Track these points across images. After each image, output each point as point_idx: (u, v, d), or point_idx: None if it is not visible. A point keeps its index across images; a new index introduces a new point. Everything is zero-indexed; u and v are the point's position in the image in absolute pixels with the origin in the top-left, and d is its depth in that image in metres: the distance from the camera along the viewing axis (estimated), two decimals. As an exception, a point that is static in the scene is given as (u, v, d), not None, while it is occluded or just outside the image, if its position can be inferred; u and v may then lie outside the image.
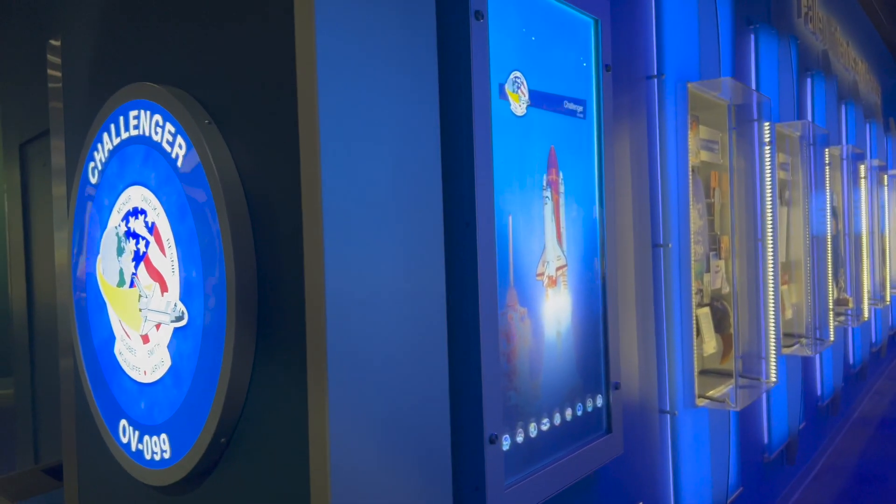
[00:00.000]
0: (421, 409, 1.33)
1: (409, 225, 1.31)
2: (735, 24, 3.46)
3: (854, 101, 6.34)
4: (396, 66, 1.32)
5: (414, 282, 1.34)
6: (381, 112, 1.28)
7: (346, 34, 1.23)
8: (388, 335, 1.26)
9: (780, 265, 4.32)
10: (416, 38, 1.38)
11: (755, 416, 3.78)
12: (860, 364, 6.29)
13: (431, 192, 1.38)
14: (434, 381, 1.37)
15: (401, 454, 1.27)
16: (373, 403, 1.21)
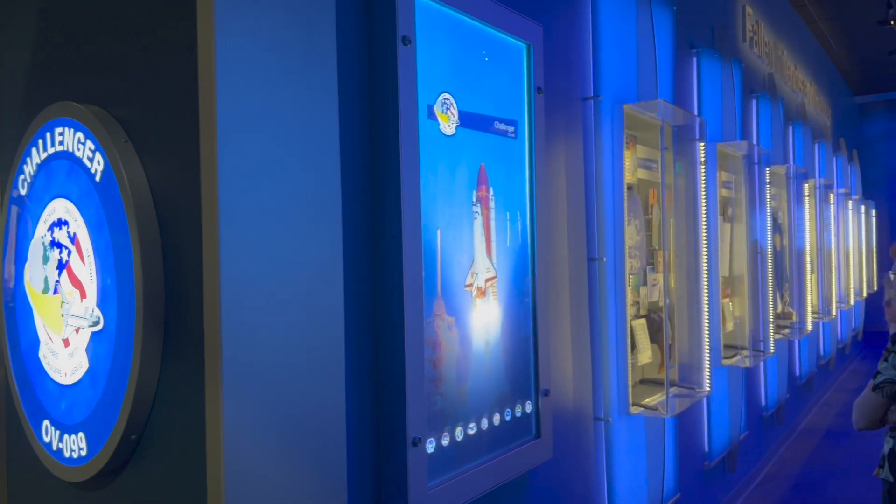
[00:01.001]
0: (316, 414, 1.42)
1: (307, 238, 1.41)
2: (677, 47, 3.62)
3: (802, 122, 6.59)
4: (297, 86, 1.42)
5: (311, 290, 1.43)
6: (279, 129, 1.37)
7: (246, 54, 1.32)
8: (283, 341, 1.35)
9: (724, 279, 4.49)
10: (319, 61, 1.47)
11: (695, 425, 3.91)
12: (807, 376, 6.49)
13: (330, 205, 1.48)
14: (330, 387, 1.46)
15: (295, 456, 1.36)
16: (267, 406, 1.30)
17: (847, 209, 8.54)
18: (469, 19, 2.05)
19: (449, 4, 1.93)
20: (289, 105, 1.38)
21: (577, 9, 2.83)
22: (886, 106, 12.15)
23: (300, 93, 1.42)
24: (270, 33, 1.36)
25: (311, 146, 1.43)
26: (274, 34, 1.37)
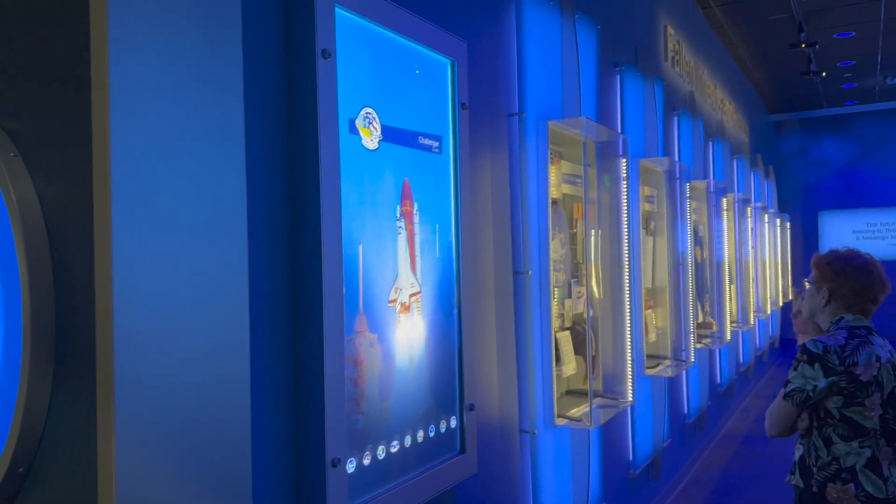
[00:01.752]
0: (220, 440, 1.37)
1: (208, 255, 1.36)
2: (601, 65, 3.71)
3: (721, 139, 6.86)
4: (198, 99, 1.37)
5: (214, 311, 1.38)
6: (178, 142, 1.33)
7: (142, 64, 1.28)
8: (182, 364, 1.30)
9: (647, 291, 4.61)
10: (224, 74, 1.44)
11: (620, 434, 3.99)
12: (727, 383, 6.73)
13: (234, 220, 1.43)
14: (234, 411, 1.42)
15: (196, 483, 1.31)
16: (164, 432, 1.25)
17: (763, 222, 8.93)
18: (392, 34, 2.04)
19: (371, 19, 1.92)
20: (189, 119, 1.34)
21: (501, 26, 2.87)
22: (799, 124, 12.81)
23: (202, 106, 1.38)
24: (170, 44, 1.31)
25: (213, 161, 1.39)
26: (174, 44, 1.33)
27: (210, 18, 1.41)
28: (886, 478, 2.22)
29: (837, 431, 2.24)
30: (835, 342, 2.24)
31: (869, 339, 2.27)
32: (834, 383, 2.21)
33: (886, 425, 2.24)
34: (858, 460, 2.21)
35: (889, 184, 12.14)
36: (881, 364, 2.24)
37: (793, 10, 6.86)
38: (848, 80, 10.24)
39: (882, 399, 2.23)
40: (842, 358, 2.21)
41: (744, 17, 7.25)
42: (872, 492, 2.19)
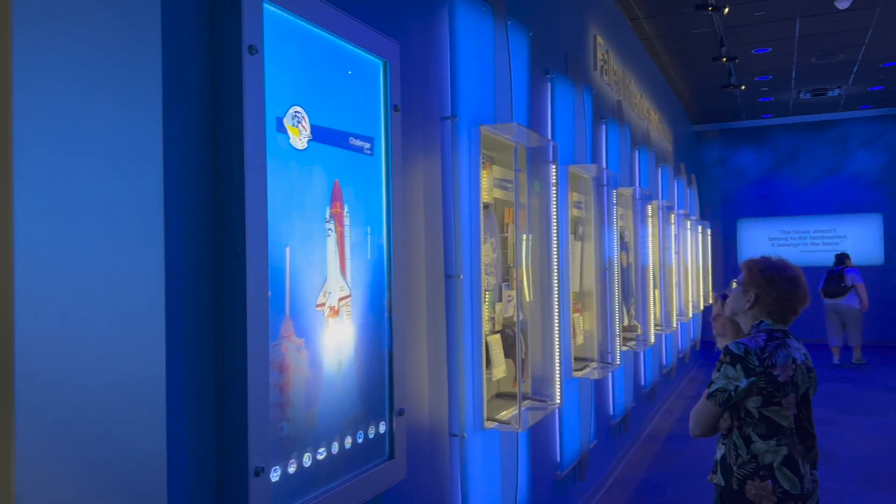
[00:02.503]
0: (129, 445, 1.31)
1: (118, 260, 1.30)
2: (532, 72, 3.76)
3: (647, 147, 7.07)
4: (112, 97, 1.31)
5: (126, 320, 1.32)
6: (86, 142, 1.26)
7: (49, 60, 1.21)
8: (87, 368, 1.24)
9: (575, 294, 4.70)
10: (141, 70, 1.37)
11: (548, 436, 4.05)
12: (651, 385, 6.93)
13: (149, 228, 1.37)
14: (146, 417, 1.35)
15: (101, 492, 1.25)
16: (67, 436, 1.19)
17: (686, 229, 9.26)
18: (323, 32, 2.00)
19: (301, 16, 1.88)
20: (100, 114, 1.27)
21: (434, 29, 2.87)
22: (720, 135, 13.34)
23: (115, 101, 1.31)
24: (80, 35, 1.24)
25: (127, 159, 1.33)
26: (84, 37, 1.26)
27: (126, 11, 1.34)
28: (802, 475, 2.31)
29: (756, 430, 2.32)
30: (755, 344, 2.33)
31: (786, 341, 2.38)
32: (754, 384, 2.29)
33: (800, 424, 2.35)
34: (776, 458, 2.29)
35: (802, 194, 12.78)
36: (797, 366, 2.34)
37: (715, 25, 7.14)
38: (765, 94, 10.73)
39: (797, 399, 2.34)
40: (761, 359, 2.30)
41: (669, 29, 7.50)
42: (788, 488, 2.27)
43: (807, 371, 2.39)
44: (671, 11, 6.93)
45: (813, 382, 2.43)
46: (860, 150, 12.45)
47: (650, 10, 6.84)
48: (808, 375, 2.40)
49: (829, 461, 5.64)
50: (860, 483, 5.21)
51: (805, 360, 2.40)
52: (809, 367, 2.42)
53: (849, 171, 12.51)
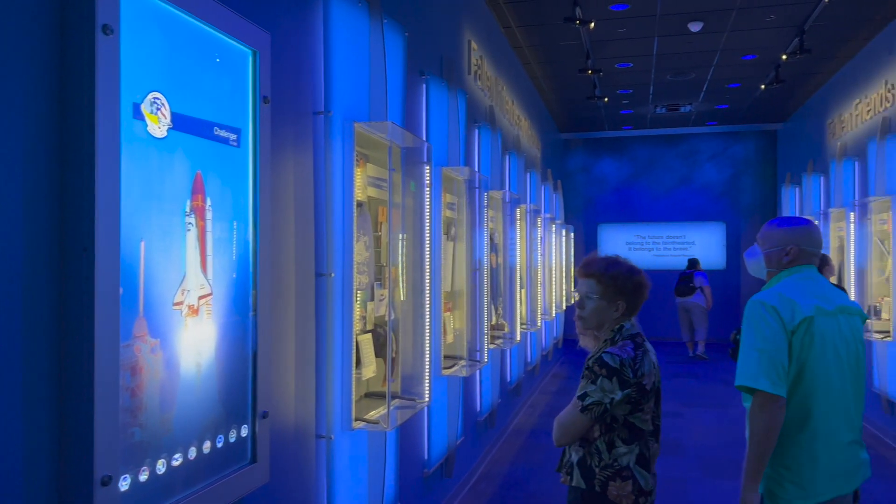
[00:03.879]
0: None
1: None
2: (407, 72, 3.77)
3: (517, 153, 7.29)
4: None
5: None
6: None
7: None
8: None
9: (446, 294, 4.76)
10: None
11: (416, 434, 4.07)
12: (516, 381, 7.16)
13: None
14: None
15: None
16: None
17: (552, 232, 9.65)
18: (189, 17, 1.90)
19: (163, -3, 1.78)
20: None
21: (309, 23, 2.80)
22: (584, 143, 14.03)
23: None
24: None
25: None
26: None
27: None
28: (652, 473, 2.39)
29: (620, 435, 2.32)
30: (627, 355, 2.31)
31: (644, 345, 2.39)
32: (628, 395, 2.28)
33: (655, 422, 2.40)
34: (632, 458, 2.33)
35: (657, 202, 13.69)
36: (656, 370, 2.38)
37: (582, 38, 7.49)
38: (625, 107, 11.39)
39: (656, 400, 2.40)
40: (634, 370, 2.29)
41: (540, 40, 7.78)
42: (644, 486, 2.34)
43: (658, 370, 2.43)
44: (542, 22, 7.19)
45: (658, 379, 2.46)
46: (707, 164, 13.52)
47: (522, 19, 7.07)
48: (658, 374, 2.43)
49: (675, 451, 6.07)
50: (703, 470, 5.65)
51: (656, 361, 2.43)
52: (657, 365, 2.44)
53: (697, 182, 13.55)
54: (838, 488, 2.37)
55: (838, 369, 2.36)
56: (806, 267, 2.47)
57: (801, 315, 2.31)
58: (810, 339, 2.31)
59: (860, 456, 2.46)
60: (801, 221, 2.53)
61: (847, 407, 2.40)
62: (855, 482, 2.44)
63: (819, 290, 2.42)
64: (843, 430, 2.38)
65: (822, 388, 2.34)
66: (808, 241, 2.47)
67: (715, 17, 7.06)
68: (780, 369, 2.27)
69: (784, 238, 2.47)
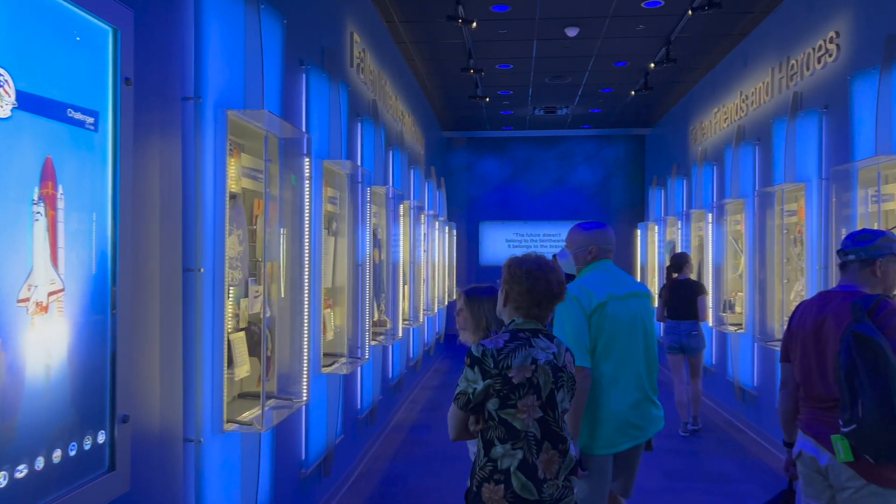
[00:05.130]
0: None
1: None
2: (286, 61, 3.65)
3: (400, 149, 7.28)
4: None
5: None
6: None
7: None
8: None
9: (327, 290, 4.67)
10: None
11: (294, 434, 3.97)
12: (398, 377, 7.16)
13: None
14: None
15: None
16: None
17: (435, 229, 9.73)
18: (37, -15, 1.73)
19: (6, -39, 1.61)
20: None
21: (178, 2, 2.65)
22: (467, 142, 14.25)
23: None
24: None
25: None
26: None
27: None
28: (543, 479, 2.22)
29: (496, 433, 2.24)
30: (494, 345, 2.26)
31: (531, 341, 2.28)
32: (490, 385, 2.22)
33: (548, 427, 2.26)
34: (512, 462, 2.22)
35: (535, 201, 14.14)
36: (537, 367, 2.24)
37: (464, 37, 7.58)
38: (506, 108, 11.67)
39: (542, 401, 2.25)
40: (496, 361, 2.22)
41: (424, 36, 7.81)
42: (521, 493, 2.20)
43: (553, 371, 2.28)
44: (425, 19, 7.22)
45: (565, 383, 2.33)
46: (582, 165, 14.11)
47: (406, 14, 7.06)
48: (557, 375, 2.29)
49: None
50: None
51: (552, 360, 2.29)
52: (558, 367, 2.30)
53: (572, 183, 14.11)
54: (633, 438, 2.95)
55: (628, 341, 2.94)
56: (603, 262, 3.06)
57: (597, 301, 2.88)
58: (605, 319, 2.87)
59: (651, 412, 3.02)
60: (598, 225, 3.12)
61: (638, 372, 2.97)
62: (647, 433, 3.02)
63: (613, 279, 3.01)
64: (633, 390, 2.94)
65: (614, 357, 2.91)
66: (604, 241, 3.05)
67: (590, 24, 7.36)
68: (583, 346, 2.83)
69: (586, 240, 3.05)
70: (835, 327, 2.55)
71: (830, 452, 2.52)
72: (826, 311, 2.62)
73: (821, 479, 2.62)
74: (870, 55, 4.62)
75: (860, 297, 2.51)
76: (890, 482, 2.44)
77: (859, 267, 2.63)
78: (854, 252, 2.64)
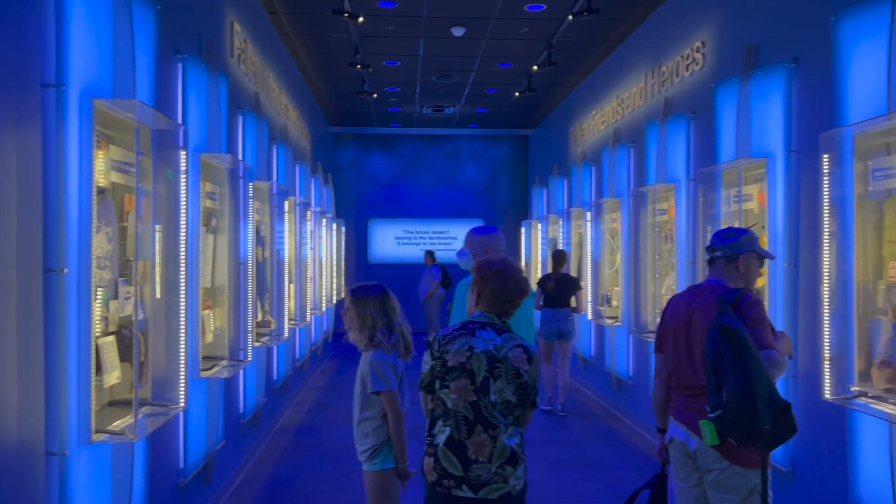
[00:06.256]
0: None
1: None
2: (160, 49, 3.45)
3: (285, 143, 7.09)
4: None
5: None
6: None
7: None
8: None
9: (206, 290, 4.47)
10: None
11: (171, 442, 3.78)
12: (283, 378, 6.98)
13: None
14: None
15: None
16: None
17: (322, 226, 9.57)
18: None
19: None
20: None
21: (36, -21, 2.44)
22: (355, 138, 14.11)
23: None
24: None
25: None
26: None
27: None
28: (474, 461, 2.42)
29: (438, 411, 2.53)
30: (444, 333, 2.58)
31: (476, 332, 2.52)
32: (433, 367, 2.53)
33: (479, 411, 2.45)
34: (442, 438, 2.48)
35: (424, 198, 14.22)
36: (473, 354, 2.47)
37: (351, 32, 7.49)
38: (394, 105, 11.65)
39: (475, 386, 2.45)
40: (441, 345, 2.53)
41: (308, 29, 7.65)
42: (447, 467, 2.44)
43: (489, 360, 2.46)
44: (310, 12, 7.07)
45: (503, 374, 2.46)
46: (469, 164, 14.34)
47: (289, 6, 6.88)
48: (493, 365, 2.45)
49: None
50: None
51: (491, 351, 2.47)
52: (497, 357, 2.47)
53: (460, 181, 14.31)
54: None
55: (526, 320, 3.28)
56: None
57: None
58: None
59: None
60: (490, 230, 3.64)
61: None
62: None
63: None
64: None
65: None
66: (496, 243, 3.54)
67: (476, 24, 7.48)
68: None
69: (482, 242, 3.54)
70: (703, 319, 2.72)
71: (699, 437, 2.68)
72: (695, 304, 2.79)
73: (690, 463, 2.78)
74: (732, 64, 4.97)
75: (725, 291, 2.69)
76: (751, 463, 2.62)
77: (725, 263, 2.82)
78: (720, 249, 2.83)
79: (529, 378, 2.50)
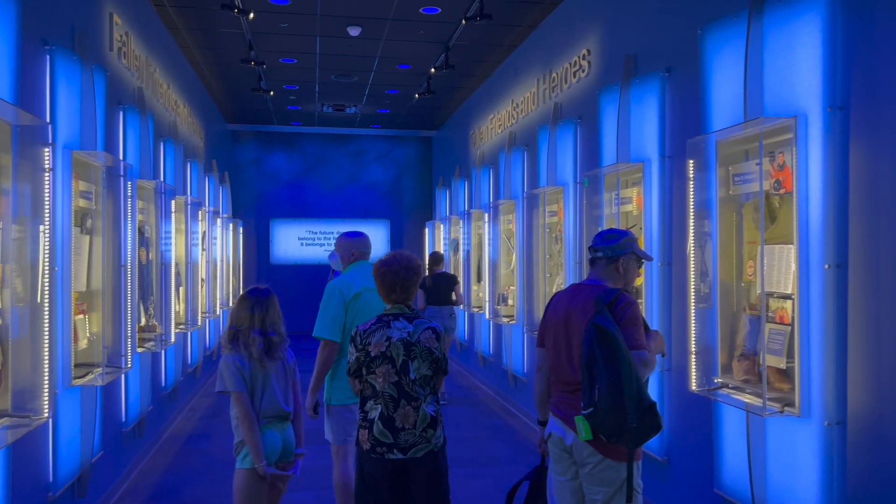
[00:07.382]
0: None
1: None
2: (24, 40, 3.26)
3: (174, 140, 6.83)
4: None
5: None
6: None
7: None
8: None
9: (80, 294, 4.25)
10: None
11: (37, 455, 3.57)
12: (172, 385, 6.72)
13: None
14: None
15: None
16: None
17: (217, 226, 9.27)
18: None
19: None
20: None
21: None
22: (255, 136, 13.75)
23: None
24: None
25: None
26: None
27: None
28: (402, 429, 2.90)
29: (367, 393, 2.97)
30: (363, 328, 2.99)
31: (391, 323, 2.97)
32: (358, 357, 2.96)
33: (402, 388, 2.92)
34: (375, 415, 2.92)
35: (326, 198, 14.03)
36: (391, 343, 2.93)
37: (243, 28, 7.30)
38: (293, 103, 11.44)
39: (396, 369, 2.92)
40: (363, 338, 2.96)
41: (198, 24, 7.39)
42: (379, 437, 2.90)
43: (405, 346, 2.94)
44: (199, 6, 6.84)
45: (419, 355, 2.93)
46: (374, 164, 14.27)
47: (179, -1, 6.64)
48: (409, 349, 2.93)
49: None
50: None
51: (406, 338, 2.95)
52: (411, 342, 2.94)
53: (365, 181, 14.22)
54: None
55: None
56: (362, 262, 3.94)
57: (354, 291, 3.75)
58: (359, 305, 3.72)
59: None
60: (359, 234, 4.03)
61: None
62: None
63: (368, 275, 3.54)
64: None
65: None
66: (363, 246, 3.97)
67: (372, 25, 7.45)
68: (338, 326, 3.69)
69: (350, 245, 3.95)
70: (580, 318, 2.81)
71: (574, 432, 2.78)
72: (574, 302, 2.88)
73: (567, 458, 2.88)
74: (614, 72, 5.19)
75: (603, 291, 2.79)
76: (621, 456, 2.74)
77: (605, 263, 2.93)
78: (602, 249, 2.93)
79: (440, 353, 3.00)
